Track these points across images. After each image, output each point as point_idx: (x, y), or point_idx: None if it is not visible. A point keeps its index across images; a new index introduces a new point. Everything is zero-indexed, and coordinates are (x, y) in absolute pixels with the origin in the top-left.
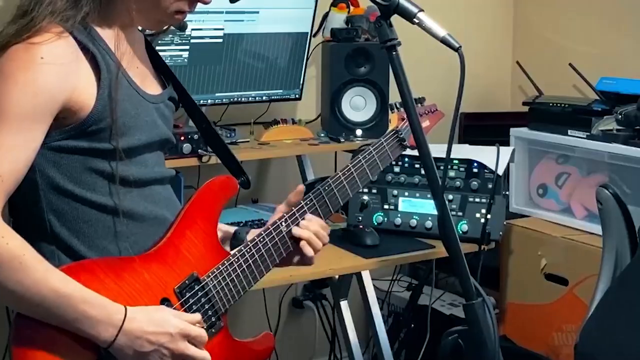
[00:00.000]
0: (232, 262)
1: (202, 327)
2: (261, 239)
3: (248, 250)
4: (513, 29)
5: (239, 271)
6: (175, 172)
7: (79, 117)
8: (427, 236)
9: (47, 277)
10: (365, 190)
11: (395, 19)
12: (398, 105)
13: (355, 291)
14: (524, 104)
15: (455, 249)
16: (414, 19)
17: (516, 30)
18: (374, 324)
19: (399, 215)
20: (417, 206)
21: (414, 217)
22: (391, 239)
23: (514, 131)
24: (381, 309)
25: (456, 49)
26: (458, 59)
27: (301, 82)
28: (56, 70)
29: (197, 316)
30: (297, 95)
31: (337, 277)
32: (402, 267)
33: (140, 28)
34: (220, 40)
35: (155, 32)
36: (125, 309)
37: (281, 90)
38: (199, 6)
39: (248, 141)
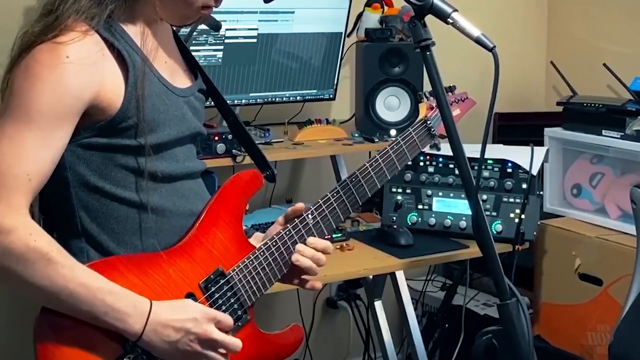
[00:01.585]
0: (257, 255)
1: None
2: (287, 232)
3: (274, 243)
4: (547, 29)
5: (264, 264)
6: (206, 165)
7: (107, 115)
8: (461, 236)
9: (74, 273)
10: (400, 190)
11: (430, 19)
12: (427, 95)
13: (390, 291)
14: (558, 104)
15: (489, 249)
16: (448, 19)
17: (550, 30)
18: (408, 324)
19: (433, 215)
20: (451, 206)
21: (448, 217)
22: (425, 239)
23: (548, 131)
24: (415, 309)
25: (490, 49)
26: (492, 59)
27: (335, 82)
28: (82, 70)
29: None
30: (331, 95)
31: (371, 277)
32: (436, 267)
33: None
34: (255, 40)
35: (190, 31)
36: (151, 302)
37: (315, 90)
38: (232, 6)
39: (282, 141)
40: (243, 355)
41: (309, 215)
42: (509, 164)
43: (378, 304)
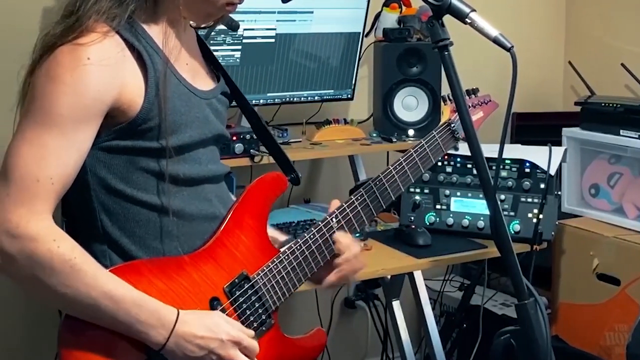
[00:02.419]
0: (282, 259)
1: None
2: (311, 236)
3: (298, 247)
4: (565, 29)
5: (289, 268)
6: (229, 168)
7: (127, 117)
8: (479, 236)
9: (98, 280)
10: (418, 190)
11: (448, 19)
12: (451, 97)
13: (408, 291)
14: (576, 104)
15: (507, 249)
16: (466, 19)
17: (568, 30)
18: (426, 324)
19: (451, 215)
20: (469, 206)
21: (466, 217)
22: (443, 239)
23: (566, 131)
24: (433, 308)
25: (508, 49)
26: (510, 59)
27: (353, 82)
28: (103, 71)
29: (251, 332)
30: (349, 95)
31: (389, 277)
32: (454, 267)
33: (194, 25)
34: (273, 40)
35: (206, 26)
36: (178, 313)
37: (333, 90)
38: (250, 5)
39: (300, 141)
40: (267, 359)
41: (333, 219)
42: (527, 164)
43: (396, 304)
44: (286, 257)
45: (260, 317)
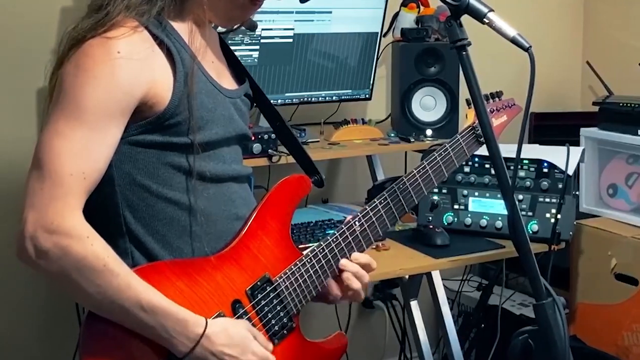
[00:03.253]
0: (304, 262)
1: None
2: (334, 239)
3: (321, 250)
4: (583, 29)
5: (311, 272)
6: (251, 170)
7: (155, 111)
8: (497, 236)
9: (129, 283)
10: (436, 190)
11: (466, 19)
12: None
13: (425, 291)
14: (594, 103)
15: (525, 249)
16: (484, 19)
17: (586, 30)
18: (444, 324)
19: (469, 215)
20: (487, 206)
21: (484, 217)
22: (461, 239)
23: (584, 131)
24: (451, 308)
25: (526, 49)
26: (528, 59)
27: (371, 82)
28: (133, 65)
29: (271, 346)
30: (367, 95)
31: (407, 277)
32: (472, 267)
33: (213, 25)
34: (290, 40)
35: (228, 30)
36: (205, 324)
37: (351, 90)
38: (268, 6)
39: (318, 141)
40: None
41: (356, 222)
42: (545, 164)
43: (414, 304)
44: (309, 260)
45: (281, 320)
